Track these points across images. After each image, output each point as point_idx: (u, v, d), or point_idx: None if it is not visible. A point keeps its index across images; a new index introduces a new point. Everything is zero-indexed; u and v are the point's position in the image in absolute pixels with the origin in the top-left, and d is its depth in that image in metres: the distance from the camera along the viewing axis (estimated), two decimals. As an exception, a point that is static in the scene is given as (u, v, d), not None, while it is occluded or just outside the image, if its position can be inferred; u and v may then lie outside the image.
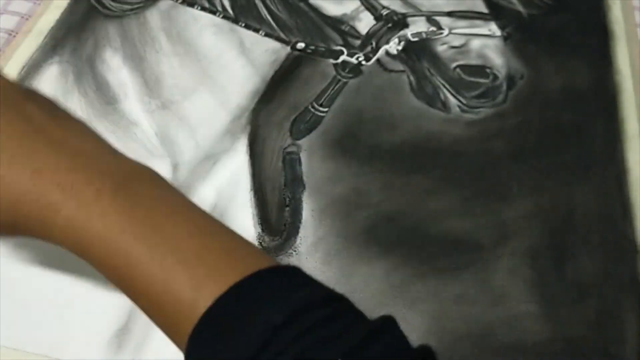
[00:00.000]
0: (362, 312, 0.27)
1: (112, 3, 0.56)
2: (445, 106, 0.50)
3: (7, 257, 0.40)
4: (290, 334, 0.25)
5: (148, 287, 0.28)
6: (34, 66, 0.51)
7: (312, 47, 0.53)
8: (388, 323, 0.27)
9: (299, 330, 0.25)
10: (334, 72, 0.52)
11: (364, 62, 0.52)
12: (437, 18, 0.56)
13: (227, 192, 0.45)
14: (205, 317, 0.26)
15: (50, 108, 0.33)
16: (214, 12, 0.56)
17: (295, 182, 0.45)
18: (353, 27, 0.55)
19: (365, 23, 0.55)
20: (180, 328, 0.27)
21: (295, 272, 0.28)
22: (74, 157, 0.30)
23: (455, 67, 0.52)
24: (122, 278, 0.28)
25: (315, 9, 0.56)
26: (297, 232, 0.43)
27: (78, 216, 0.28)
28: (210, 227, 0.30)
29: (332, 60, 0.52)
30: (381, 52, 0.53)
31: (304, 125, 0.48)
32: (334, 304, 0.27)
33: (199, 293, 0.26)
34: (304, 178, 0.45)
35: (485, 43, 0.54)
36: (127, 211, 0.29)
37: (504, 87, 0.51)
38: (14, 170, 0.29)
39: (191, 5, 0.56)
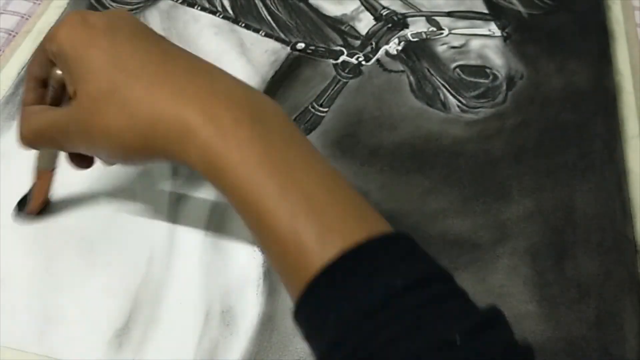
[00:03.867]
0: (471, 298, 0.27)
1: (112, 3, 0.57)
2: (445, 106, 0.50)
3: (7, 256, 0.40)
4: (409, 302, 0.25)
5: (274, 226, 0.27)
6: (34, 66, 0.51)
7: (312, 47, 0.53)
8: (498, 314, 0.26)
9: (419, 299, 0.25)
10: (334, 72, 0.52)
11: (363, 62, 0.53)
12: (437, 18, 0.56)
13: (227, 192, 0.44)
14: (328, 267, 0.26)
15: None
16: (214, 12, 0.56)
17: (295, 182, 0.45)
18: (353, 27, 0.55)
19: (365, 23, 0.55)
20: (300, 274, 0.27)
21: (415, 244, 0.28)
22: (212, 82, 0.30)
23: (455, 67, 0.52)
24: (249, 211, 0.28)
25: (315, 9, 0.56)
26: (297, 232, 0.43)
27: (216, 142, 0.28)
28: (337, 179, 0.29)
29: (332, 61, 0.52)
30: (381, 52, 0.53)
31: (304, 125, 0.48)
32: (450, 283, 0.27)
33: (325, 244, 0.26)
34: (304, 178, 0.45)
35: (485, 43, 0.54)
36: (263, 146, 0.28)
37: (504, 87, 0.51)
38: (152, 91, 0.30)
39: (191, 5, 0.56)
